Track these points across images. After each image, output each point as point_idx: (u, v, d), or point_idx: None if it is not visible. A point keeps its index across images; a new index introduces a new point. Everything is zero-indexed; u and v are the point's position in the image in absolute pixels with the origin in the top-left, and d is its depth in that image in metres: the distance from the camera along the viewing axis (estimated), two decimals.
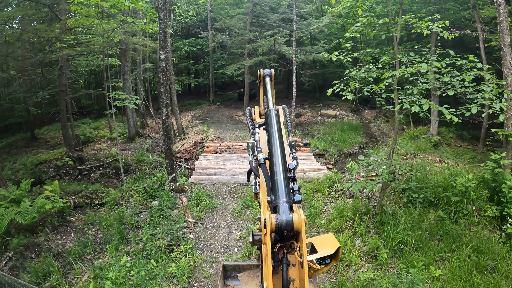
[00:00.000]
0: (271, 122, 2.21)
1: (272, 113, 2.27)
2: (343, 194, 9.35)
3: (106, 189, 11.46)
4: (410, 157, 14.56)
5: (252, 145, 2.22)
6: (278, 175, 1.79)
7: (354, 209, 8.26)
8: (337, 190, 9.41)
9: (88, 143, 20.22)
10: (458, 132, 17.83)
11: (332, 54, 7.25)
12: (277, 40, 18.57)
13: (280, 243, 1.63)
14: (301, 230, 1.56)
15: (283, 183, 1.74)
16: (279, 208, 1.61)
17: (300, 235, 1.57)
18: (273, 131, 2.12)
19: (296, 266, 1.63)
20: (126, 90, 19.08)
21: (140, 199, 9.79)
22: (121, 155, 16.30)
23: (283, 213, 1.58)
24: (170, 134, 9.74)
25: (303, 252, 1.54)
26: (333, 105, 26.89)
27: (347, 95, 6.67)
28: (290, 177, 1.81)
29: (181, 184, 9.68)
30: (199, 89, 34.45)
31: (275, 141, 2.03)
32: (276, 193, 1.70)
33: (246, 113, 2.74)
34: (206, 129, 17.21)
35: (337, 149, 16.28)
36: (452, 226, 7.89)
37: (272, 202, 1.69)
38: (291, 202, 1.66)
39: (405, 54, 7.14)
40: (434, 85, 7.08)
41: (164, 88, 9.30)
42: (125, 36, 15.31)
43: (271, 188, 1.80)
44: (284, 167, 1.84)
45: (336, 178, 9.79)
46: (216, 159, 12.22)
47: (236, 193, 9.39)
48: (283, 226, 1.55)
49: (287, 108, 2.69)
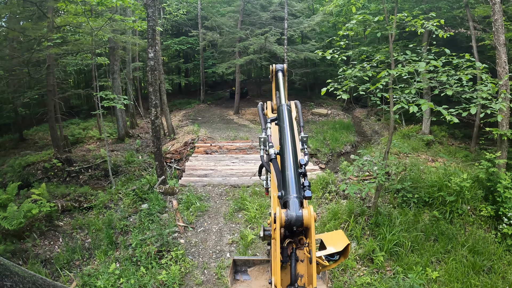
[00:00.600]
0: (283, 117, 2.17)
1: (284, 108, 2.24)
2: (337, 195, 9.14)
3: (95, 192, 11.18)
4: (403, 156, 14.43)
5: (263, 139, 2.19)
6: (289, 170, 1.77)
7: (348, 211, 8.04)
8: (331, 191, 9.20)
9: (77, 143, 19.81)
10: (450, 130, 17.77)
11: (326, 52, 6.99)
12: (268, 39, 18.30)
13: (289, 239, 1.63)
14: (311, 226, 1.55)
15: (293, 179, 1.72)
16: (289, 204, 1.60)
17: (310, 231, 1.57)
18: (285, 126, 2.09)
19: (305, 262, 1.63)
20: (115, 89, 18.68)
21: (129, 202, 9.52)
22: (110, 157, 15.92)
23: (293, 208, 1.57)
24: (160, 135, 9.43)
25: (312, 248, 1.55)
26: (324, 104, 26.74)
27: (342, 94, 6.43)
28: (301, 173, 1.79)
29: (171, 187, 9.38)
30: (190, 88, 34.03)
31: (287, 136, 2.01)
32: (287, 189, 1.69)
33: (259, 107, 2.70)
34: (197, 129, 16.89)
35: (329, 148, 16.09)
36: (447, 226, 7.78)
37: (282, 197, 1.69)
38: (302, 197, 1.64)
39: (400, 53, 6.94)
40: (429, 84, 6.89)
41: (153, 87, 8.99)
42: (114, 34, 14.91)
43: (281, 183, 1.78)
44: (295, 162, 1.82)
45: (329, 179, 9.57)
46: (206, 160, 11.91)
47: (227, 195, 9.12)
48: (293, 221, 1.54)
49: (299, 103, 2.68)
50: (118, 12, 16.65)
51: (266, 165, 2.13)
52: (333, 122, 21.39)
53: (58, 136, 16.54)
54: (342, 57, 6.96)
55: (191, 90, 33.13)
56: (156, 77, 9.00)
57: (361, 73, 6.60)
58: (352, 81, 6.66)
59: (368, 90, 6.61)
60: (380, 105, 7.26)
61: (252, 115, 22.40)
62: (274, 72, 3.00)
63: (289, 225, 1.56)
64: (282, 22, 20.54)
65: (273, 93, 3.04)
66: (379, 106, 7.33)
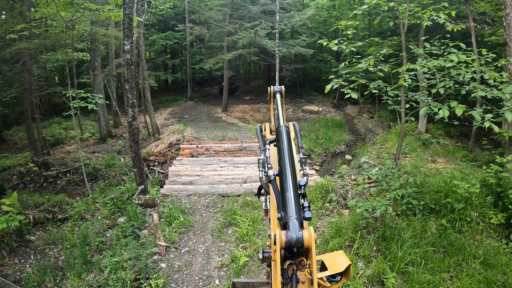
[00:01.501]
0: (282, 139, 2.15)
1: (282, 130, 2.22)
2: (338, 204, 8.14)
3: (71, 200, 10.30)
4: (401, 157, 13.54)
5: (262, 161, 2.10)
6: (289, 191, 1.73)
7: (353, 225, 7.06)
8: (331, 201, 8.19)
9: (58, 145, 18.57)
10: (445, 129, 16.94)
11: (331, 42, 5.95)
12: (258, 32, 17.12)
13: (290, 260, 1.59)
14: (311, 247, 1.50)
15: (293, 200, 1.68)
16: (289, 225, 1.55)
17: (310, 252, 1.51)
18: (284, 147, 2.07)
19: (306, 284, 1.56)
20: (96, 86, 17.43)
21: (107, 213, 8.60)
22: (90, 159, 14.69)
23: (293, 230, 1.52)
24: (138, 139, 8.29)
25: (313, 269, 1.50)
26: (315, 101, 25.78)
27: (351, 93, 5.38)
28: (300, 194, 1.74)
29: (152, 197, 8.25)
30: (177, 85, 32.63)
31: (286, 157, 1.98)
32: (286, 210, 1.64)
33: (257, 129, 2.65)
34: (183, 128, 15.69)
35: (323, 148, 15.10)
36: (456, 236, 7.09)
37: (282, 218, 1.63)
38: (301, 218, 1.59)
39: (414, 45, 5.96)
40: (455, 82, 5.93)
41: (130, 84, 7.83)
42: (92, 27, 13.65)
43: (281, 205, 1.73)
44: (295, 183, 1.78)
45: (329, 186, 8.54)
46: (192, 164, 10.74)
47: (215, 207, 7.99)
48: (293, 243, 1.49)
49: (297, 124, 2.60)
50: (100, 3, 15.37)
51: (265, 187, 2.04)
52: (325, 119, 20.41)
53: (35, 138, 15.27)
54: (351, 48, 5.93)
55: (178, 86, 31.75)
56: (133, 72, 7.85)
57: (375, 68, 5.57)
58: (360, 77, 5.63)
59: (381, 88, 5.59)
60: (393, 106, 6.30)
61: (241, 113, 21.29)
62: (272, 93, 2.86)
63: (289, 247, 1.51)
64: (272, 16, 19.40)
65: (271, 114, 2.93)
66: (391, 107, 6.36)
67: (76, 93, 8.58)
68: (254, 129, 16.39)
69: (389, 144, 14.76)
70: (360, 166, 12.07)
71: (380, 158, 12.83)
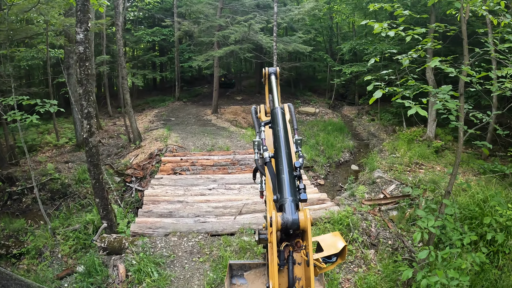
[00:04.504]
0: (277, 120, 2.06)
1: (277, 111, 2.13)
2: (362, 244, 6.02)
3: (30, 228, 8.61)
4: (415, 167, 11.51)
5: (258, 143, 2.01)
6: (284, 173, 1.68)
7: (388, 279, 4.96)
8: (354, 239, 6.05)
9: (31, 152, 16.07)
10: (454, 134, 14.93)
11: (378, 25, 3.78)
12: (252, 26, 14.78)
13: (286, 242, 1.55)
14: (307, 228, 1.47)
15: (289, 182, 1.63)
16: (285, 207, 1.52)
17: (306, 234, 1.48)
18: (279, 129, 1.99)
19: (302, 265, 1.53)
20: (71, 86, 14.99)
21: (68, 251, 6.83)
22: (60, 172, 12.34)
23: (289, 211, 1.49)
24: (98, 161, 6.02)
25: (309, 251, 1.45)
26: (311, 101, 23.68)
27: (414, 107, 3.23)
28: (296, 176, 1.68)
29: (119, 238, 5.99)
30: (165, 84, 30.15)
31: (281, 139, 1.91)
32: (282, 192, 1.60)
33: (252, 111, 2.50)
34: (167, 134, 13.33)
35: (326, 157, 12.97)
36: (495, 272, 5.56)
37: (278, 200, 1.60)
38: (297, 200, 1.56)
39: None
40: None
41: (84, 87, 5.55)
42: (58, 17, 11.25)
43: (277, 187, 1.69)
44: (290, 165, 1.72)
45: (349, 218, 6.39)
46: (174, 184, 8.39)
47: (201, 253, 5.72)
48: (289, 224, 1.46)
49: (292, 106, 2.51)
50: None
51: (261, 169, 1.95)
52: (323, 122, 18.27)
53: (3, 146, 12.94)
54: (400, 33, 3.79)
55: (166, 86, 29.19)
56: (88, 71, 5.57)
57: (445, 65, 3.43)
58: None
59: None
60: (454, 123, 4.20)
61: (233, 115, 19.01)
62: (267, 75, 2.74)
63: (285, 228, 1.47)
64: (267, 10, 17.12)
65: (266, 96, 2.78)
66: (452, 125, 4.25)
67: (18, 100, 6.24)
68: (248, 135, 14.22)
69: (400, 153, 12.70)
70: (374, 182, 10.00)
71: (394, 171, 10.78)
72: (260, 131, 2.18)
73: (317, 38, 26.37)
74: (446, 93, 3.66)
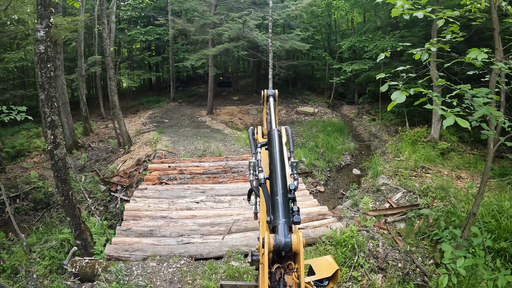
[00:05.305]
0: (273, 142, 2.05)
1: (274, 133, 2.10)
2: (369, 269, 5.21)
3: (9, 243, 7.91)
4: (422, 172, 10.69)
5: (253, 164, 1.98)
6: (279, 195, 1.65)
7: None
8: (359, 264, 5.23)
9: (18, 157, 15.33)
10: (458, 134, 14.13)
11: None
12: (247, 23, 13.92)
13: (278, 264, 1.51)
14: (299, 251, 1.45)
15: (282, 204, 1.60)
16: (278, 229, 1.48)
17: (298, 256, 1.46)
18: (275, 151, 1.97)
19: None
20: (58, 89, 14.17)
21: (44, 271, 6.10)
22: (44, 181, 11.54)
23: (281, 233, 1.46)
24: (67, 175, 5.20)
25: (301, 274, 1.45)
26: (309, 101, 22.82)
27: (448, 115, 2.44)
28: (290, 198, 1.65)
29: (92, 263, 5.19)
30: (160, 85, 29.27)
31: (277, 161, 1.88)
32: (276, 213, 1.56)
33: (249, 132, 2.50)
34: (157, 138, 12.49)
35: (325, 160, 12.14)
36: None
37: (271, 222, 1.56)
38: (291, 223, 1.52)
39: None
40: None
41: (46, 92, 4.74)
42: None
43: (271, 208, 1.64)
44: (285, 187, 1.70)
45: (353, 238, 5.57)
46: (159, 196, 7.53)
47: (183, 282, 4.86)
48: (282, 246, 1.43)
49: (289, 129, 2.49)
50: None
51: (255, 190, 1.91)
52: (322, 122, 17.43)
53: None
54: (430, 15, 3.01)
55: (162, 86, 28.28)
56: (50, 74, 4.74)
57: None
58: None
59: None
60: (485, 133, 3.41)
61: (228, 116, 18.17)
62: (265, 97, 2.69)
63: (277, 250, 1.44)
64: (263, 8, 16.25)
65: (264, 118, 2.76)
66: (484, 135, 3.46)
67: None
68: (242, 138, 13.40)
69: (404, 156, 11.87)
70: (379, 189, 9.18)
71: (399, 176, 9.95)
72: (256, 152, 2.17)
73: (315, 36, 25.55)
74: (485, 96, 2.85)
